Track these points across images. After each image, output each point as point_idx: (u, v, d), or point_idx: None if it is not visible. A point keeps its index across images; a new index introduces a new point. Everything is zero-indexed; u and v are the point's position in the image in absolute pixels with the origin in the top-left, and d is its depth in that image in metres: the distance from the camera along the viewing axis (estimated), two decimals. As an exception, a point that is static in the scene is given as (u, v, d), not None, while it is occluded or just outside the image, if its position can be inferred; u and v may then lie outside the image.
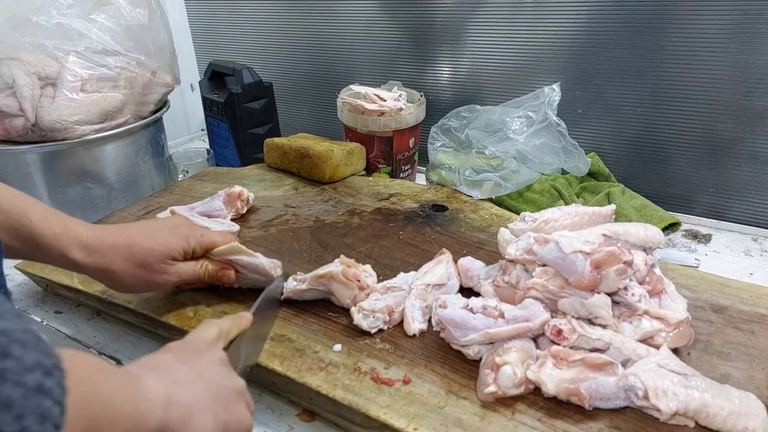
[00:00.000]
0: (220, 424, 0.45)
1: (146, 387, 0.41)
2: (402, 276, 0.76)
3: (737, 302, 0.71)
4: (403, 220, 0.94)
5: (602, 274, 0.60)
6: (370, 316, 0.68)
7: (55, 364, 0.31)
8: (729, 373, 0.60)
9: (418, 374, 0.62)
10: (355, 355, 0.66)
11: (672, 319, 0.61)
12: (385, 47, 1.30)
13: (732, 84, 0.97)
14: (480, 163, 1.01)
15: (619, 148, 1.11)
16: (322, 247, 0.87)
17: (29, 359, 0.29)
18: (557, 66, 1.12)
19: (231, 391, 0.48)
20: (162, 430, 0.40)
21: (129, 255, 0.65)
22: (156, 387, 0.41)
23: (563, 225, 0.69)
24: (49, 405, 0.29)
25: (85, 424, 0.33)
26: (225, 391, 0.48)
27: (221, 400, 0.46)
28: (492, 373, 0.58)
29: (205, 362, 0.49)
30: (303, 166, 1.10)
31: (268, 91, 1.27)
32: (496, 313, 0.62)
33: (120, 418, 0.36)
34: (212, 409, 0.45)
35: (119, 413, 0.36)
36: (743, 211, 1.02)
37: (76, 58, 1.01)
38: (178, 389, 0.43)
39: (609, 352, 0.58)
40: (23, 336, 0.29)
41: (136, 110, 1.11)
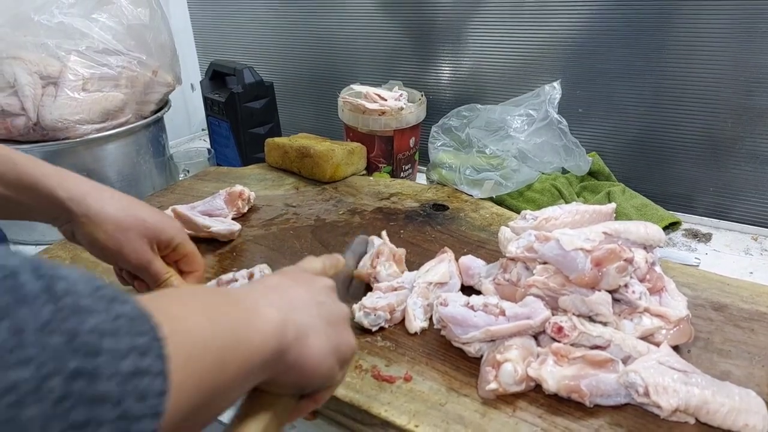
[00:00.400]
0: (334, 344, 0.46)
1: (262, 316, 0.41)
2: (405, 275, 0.76)
3: (737, 300, 0.72)
4: (404, 220, 0.94)
5: (603, 271, 0.60)
6: (372, 314, 0.68)
7: (153, 338, 0.30)
8: (729, 371, 0.61)
9: (420, 372, 0.63)
10: (356, 353, 0.66)
11: (672, 317, 0.61)
12: (386, 47, 1.31)
13: (732, 83, 0.97)
14: (480, 162, 1.01)
15: (619, 147, 1.11)
16: (323, 246, 0.88)
17: (123, 346, 0.28)
18: (558, 65, 1.12)
19: (341, 316, 0.50)
20: (278, 353, 0.40)
21: (122, 213, 0.63)
22: (271, 314, 0.41)
23: (564, 223, 0.69)
24: (150, 382, 0.29)
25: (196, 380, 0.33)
26: (336, 315, 0.49)
27: (332, 323, 0.48)
28: (493, 370, 0.58)
29: (319, 287, 0.50)
30: (304, 166, 1.10)
31: (269, 91, 1.28)
32: (497, 311, 0.62)
33: (233, 362, 0.36)
34: (325, 331, 0.46)
35: (232, 357, 0.36)
36: (743, 210, 1.03)
37: (77, 58, 1.01)
38: (293, 311, 0.44)
39: (609, 349, 0.59)
40: (114, 325, 0.29)
41: (137, 110, 1.12)
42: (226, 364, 0.35)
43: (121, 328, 0.29)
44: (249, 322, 0.39)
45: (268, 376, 0.41)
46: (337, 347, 0.47)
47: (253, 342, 0.38)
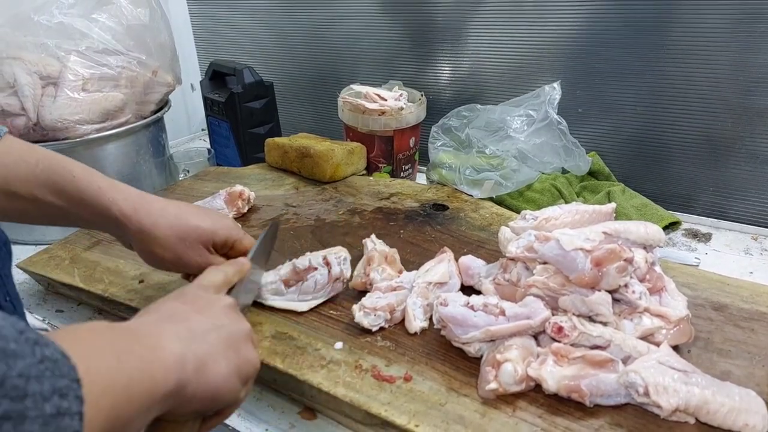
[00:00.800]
0: (233, 367, 0.47)
1: (162, 348, 0.42)
2: (404, 275, 0.76)
3: (737, 300, 0.72)
4: (404, 219, 0.94)
5: (603, 271, 0.60)
6: (372, 314, 0.68)
7: (71, 380, 0.32)
8: (729, 371, 0.61)
9: (419, 372, 0.63)
10: (356, 352, 0.66)
11: (672, 317, 0.61)
12: (386, 47, 1.31)
13: (732, 83, 0.97)
14: (480, 162, 1.01)
15: (619, 147, 1.11)
16: (323, 246, 0.87)
17: (46, 389, 0.30)
18: (557, 65, 1.12)
19: (241, 335, 0.51)
20: (178, 386, 0.41)
21: (175, 223, 0.64)
22: (172, 347, 0.42)
23: (564, 223, 0.69)
24: (68, 422, 0.30)
25: (105, 414, 0.34)
26: (236, 336, 0.50)
27: (232, 344, 0.48)
28: (493, 370, 0.58)
29: (218, 310, 0.51)
30: (304, 166, 1.10)
31: (268, 91, 1.28)
32: (496, 311, 0.62)
33: (137, 397, 0.37)
34: (225, 355, 0.47)
35: (137, 392, 0.37)
36: (743, 210, 1.03)
37: (77, 58, 1.01)
38: (193, 342, 0.45)
39: (610, 349, 0.59)
40: (38, 369, 0.30)
41: (137, 110, 1.12)
42: (132, 399, 0.37)
43: (46, 371, 0.30)
44: (152, 358, 0.40)
45: (170, 407, 0.42)
46: (238, 368, 0.48)
47: (156, 377, 0.40)
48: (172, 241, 0.64)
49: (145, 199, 0.64)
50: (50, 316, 0.85)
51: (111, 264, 0.86)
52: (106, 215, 0.62)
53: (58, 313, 0.86)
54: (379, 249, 0.78)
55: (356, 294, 0.76)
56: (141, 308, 0.77)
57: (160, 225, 0.63)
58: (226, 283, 0.59)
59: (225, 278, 0.59)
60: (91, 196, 0.61)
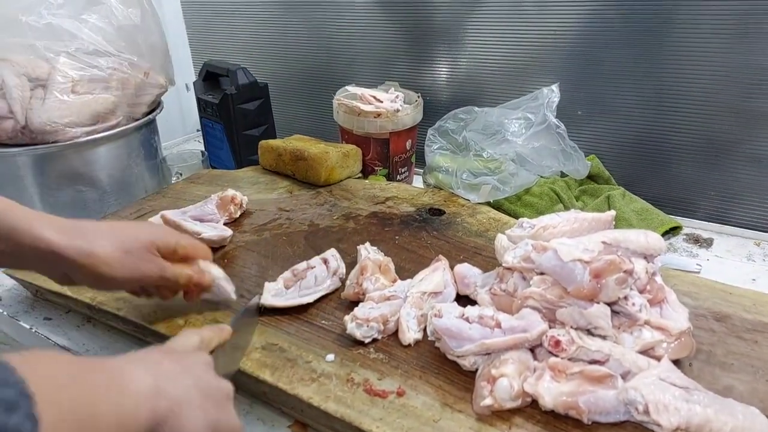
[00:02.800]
0: (212, 421, 0.44)
1: (131, 379, 0.39)
2: (398, 284, 0.74)
3: (740, 310, 0.70)
4: (399, 225, 0.93)
5: (602, 283, 0.58)
6: (364, 325, 0.66)
7: (19, 393, 0.29)
8: (732, 386, 0.59)
9: (413, 386, 0.61)
10: (348, 365, 0.64)
11: (673, 330, 0.59)
12: (383, 47, 1.29)
13: (733, 85, 0.95)
14: (478, 165, 0.99)
15: (619, 150, 1.10)
16: (316, 253, 0.85)
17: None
18: (556, 67, 1.10)
19: (221, 392, 0.48)
20: (153, 423, 0.39)
21: (113, 238, 0.60)
22: (142, 377, 0.40)
23: (562, 231, 0.67)
24: None
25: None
26: (215, 391, 0.47)
27: (211, 399, 0.45)
28: (488, 385, 0.56)
29: (192, 361, 0.48)
30: (298, 169, 1.08)
31: (263, 92, 1.26)
32: (492, 323, 0.61)
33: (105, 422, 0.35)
34: (202, 406, 0.44)
35: (104, 417, 0.35)
36: (745, 214, 1.01)
37: (66, 59, 1.00)
38: (165, 381, 0.42)
39: (608, 364, 0.57)
40: None
41: (128, 112, 1.10)
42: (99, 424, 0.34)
43: None
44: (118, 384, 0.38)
45: None
46: (216, 425, 0.45)
47: (125, 405, 0.37)
48: (117, 256, 0.60)
49: (75, 223, 0.60)
50: (38, 324, 0.83)
51: (100, 271, 0.84)
52: (40, 247, 0.57)
53: (47, 321, 0.84)
54: (373, 258, 0.77)
55: (348, 304, 0.74)
56: (128, 317, 0.76)
57: (98, 243, 0.59)
58: (203, 346, 0.55)
59: (200, 341, 0.54)
60: (22, 230, 0.56)
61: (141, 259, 0.62)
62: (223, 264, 0.84)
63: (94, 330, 0.82)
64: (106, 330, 0.81)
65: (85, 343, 0.80)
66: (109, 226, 0.63)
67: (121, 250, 0.60)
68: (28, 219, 0.57)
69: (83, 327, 0.83)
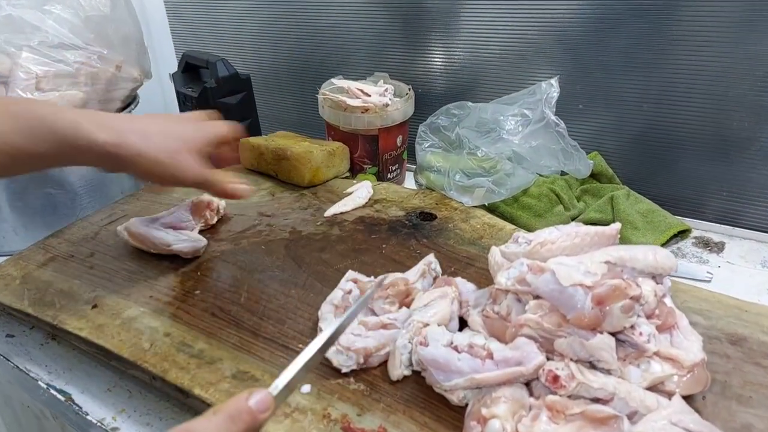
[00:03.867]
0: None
1: None
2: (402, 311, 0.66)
3: (757, 331, 0.64)
4: (387, 231, 0.86)
5: (605, 311, 0.52)
6: (344, 353, 0.60)
7: None
8: (750, 423, 0.53)
9: (396, 423, 0.55)
10: (325, 398, 0.58)
11: (686, 362, 0.53)
12: (372, 36, 1.21)
13: (747, 77, 0.88)
14: (471, 165, 0.93)
15: (623, 146, 1.03)
16: (296, 264, 0.79)
17: None
18: (556, 57, 1.02)
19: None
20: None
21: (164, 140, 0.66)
22: None
23: (561, 248, 0.61)
24: None
25: None
26: None
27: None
28: (478, 425, 0.50)
29: None
30: (281, 169, 1.01)
31: (245, 85, 1.18)
32: (483, 353, 0.55)
33: None
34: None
35: None
36: (759, 216, 0.94)
37: (29, 54, 0.92)
38: None
39: (613, 403, 0.51)
40: None
41: (100, 108, 1.03)
42: None
43: None
44: None
45: None
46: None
47: None
48: (166, 159, 0.65)
49: (126, 120, 0.66)
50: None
51: (64, 285, 0.78)
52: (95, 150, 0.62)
53: (9, 338, 0.79)
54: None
55: (329, 324, 0.67)
56: (91, 339, 0.70)
57: (151, 145, 0.64)
58: None
59: None
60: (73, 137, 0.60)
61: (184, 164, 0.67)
62: (196, 277, 0.78)
63: (58, 348, 0.76)
64: (71, 348, 0.76)
65: (48, 365, 0.74)
66: (162, 125, 0.67)
67: (169, 152, 0.65)
68: (75, 122, 0.61)
69: (47, 345, 0.77)
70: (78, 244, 0.87)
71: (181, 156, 0.66)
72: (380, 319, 0.64)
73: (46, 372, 0.73)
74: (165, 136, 0.66)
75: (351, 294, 0.68)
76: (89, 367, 0.73)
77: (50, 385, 0.71)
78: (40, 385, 0.71)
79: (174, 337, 0.67)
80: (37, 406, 0.81)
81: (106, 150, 0.61)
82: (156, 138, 0.65)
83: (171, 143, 0.66)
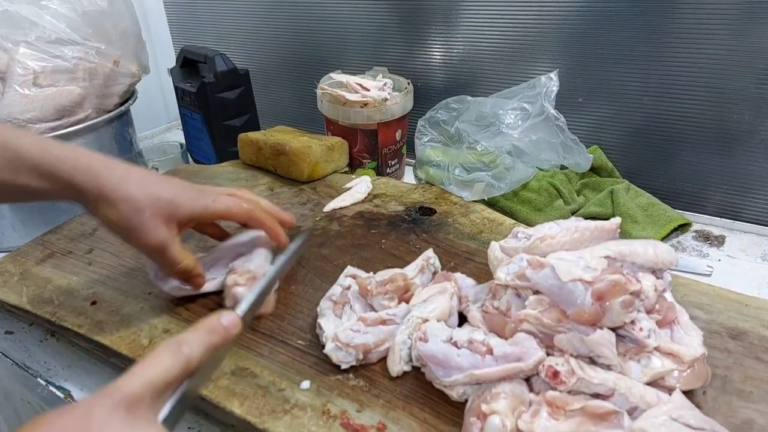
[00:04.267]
0: None
1: None
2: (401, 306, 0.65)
3: (758, 325, 0.63)
4: (387, 226, 0.86)
5: (605, 306, 0.51)
6: (343, 349, 0.60)
7: None
8: (752, 419, 0.53)
9: (395, 419, 0.55)
10: (324, 394, 0.58)
11: (686, 357, 0.53)
12: (371, 29, 1.20)
13: (748, 69, 0.87)
14: (471, 159, 0.92)
15: (623, 140, 1.02)
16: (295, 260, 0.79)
17: None
18: (555, 51, 1.02)
19: None
20: None
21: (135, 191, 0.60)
22: None
23: (561, 243, 0.60)
24: None
25: None
26: None
27: None
28: (478, 421, 0.50)
29: None
30: (279, 164, 1.01)
31: (244, 80, 1.18)
32: (483, 349, 0.54)
33: None
34: None
35: None
36: (760, 209, 0.93)
37: (26, 49, 0.92)
38: None
39: (613, 398, 0.50)
40: None
41: (98, 104, 1.02)
42: None
43: None
44: None
45: None
46: None
47: None
48: (129, 209, 0.60)
49: (107, 164, 0.60)
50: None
51: (63, 281, 0.78)
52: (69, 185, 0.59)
53: (8, 335, 0.78)
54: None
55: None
56: (90, 335, 0.69)
57: (120, 190, 0.60)
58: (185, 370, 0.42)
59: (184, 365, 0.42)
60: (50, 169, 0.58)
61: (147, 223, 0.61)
62: (195, 273, 0.78)
63: (57, 345, 0.76)
64: (70, 345, 0.76)
65: (47, 361, 0.74)
66: (143, 177, 0.62)
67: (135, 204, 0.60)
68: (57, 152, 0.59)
69: (46, 342, 0.77)
70: (77, 240, 0.87)
71: (146, 215, 0.60)
72: (379, 315, 0.63)
73: (45, 368, 0.73)
74: (139, 187, 0.61)
75: (350, 290, 0.68)
76: (88, 363, 0.73)
77: (49, 382, 0.71)
78: (39, 382, 0.71)
79: (173, 334, 0.67)
80: (36, 402, 0.81)
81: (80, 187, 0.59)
82: (128, 185, 0.60)
83: (142, 198, 0.60)
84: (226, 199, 0.68)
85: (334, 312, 0.66)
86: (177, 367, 0.41)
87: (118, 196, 0.59)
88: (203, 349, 0.44)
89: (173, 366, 0.41)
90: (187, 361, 0.42)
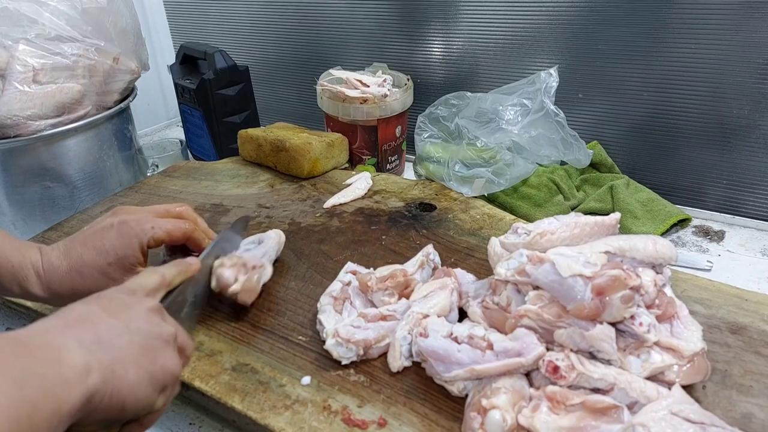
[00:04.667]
0: (144, 374, 0.43)
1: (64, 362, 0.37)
2: (401, 302, 0.66)
3: (757, 320, 0.64)
4: (387, 222, 0.86)
5: (605, 301, 0.52)
6: (344, 345, 0.60)
7: None
8: (751, 413, 0.53)
9: (396, 414, 0.55)
10: (325, 389, 0.58)
11: (686, 351, 0.53)
12: (371, 26, 1.20)
13: (747, 64, 0.87)
14: (471, 155, 0.92)
15: (622, 135, 1.02)
16: (296, 256, 0.79)
17: None
18: (555, 46, 1.02)
19: (158, 340, 0.46)
20: (83, 399, 0.37)
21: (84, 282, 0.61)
22: (75, 358, 0.38)
23: (561, 238, 0.60)
24: None
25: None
26: (151, 340, 0.45)
27: (147, 350, 0.45)
28: (478, 416, 0.50)
29: (136, 313, 0.46)
30: (279, 161, 1.01)
31: (243, 76, 1.18)
32: (483, 344, 0.54)
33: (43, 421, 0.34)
34: (137, 360, 0.43)
35: (42, 417, 0.34)
36: (759, 204, 0.94)
37: (26, 47, 0.92)
38: (100, 348, 0.41)
39: (613, 393, 0.51)
40: None
41: (98, 101, 1.02)
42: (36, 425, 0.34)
43: None
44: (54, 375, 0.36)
45: (77, 419, 0.38)
46: (151, 376, 0.44)
47: (61, 396, 0.36)
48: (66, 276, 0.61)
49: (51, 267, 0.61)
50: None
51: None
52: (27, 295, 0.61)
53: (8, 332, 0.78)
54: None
55: (330, 316, 0.67)
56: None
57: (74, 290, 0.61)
58: (163, 286, 0.55)
59: (161, 280, 0.54)
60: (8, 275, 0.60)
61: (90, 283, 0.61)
62: (195, 270, 0.78)
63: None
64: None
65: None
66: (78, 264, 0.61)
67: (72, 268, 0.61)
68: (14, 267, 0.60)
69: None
70: (77, 237, 0.87)
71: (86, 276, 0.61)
72: (380, 311, 0.64)
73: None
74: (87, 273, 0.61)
75: (350, 285, 0.68)
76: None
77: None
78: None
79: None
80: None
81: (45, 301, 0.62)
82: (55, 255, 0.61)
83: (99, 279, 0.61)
84: (164, 223, 0.66)
85: (335, 308, 0.66)
86: (155, 279, 0.54)
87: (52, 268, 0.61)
88: (173, 272, 0.57)
89: (152, 277, 0.54)
90: (162, 276, 0.55)
